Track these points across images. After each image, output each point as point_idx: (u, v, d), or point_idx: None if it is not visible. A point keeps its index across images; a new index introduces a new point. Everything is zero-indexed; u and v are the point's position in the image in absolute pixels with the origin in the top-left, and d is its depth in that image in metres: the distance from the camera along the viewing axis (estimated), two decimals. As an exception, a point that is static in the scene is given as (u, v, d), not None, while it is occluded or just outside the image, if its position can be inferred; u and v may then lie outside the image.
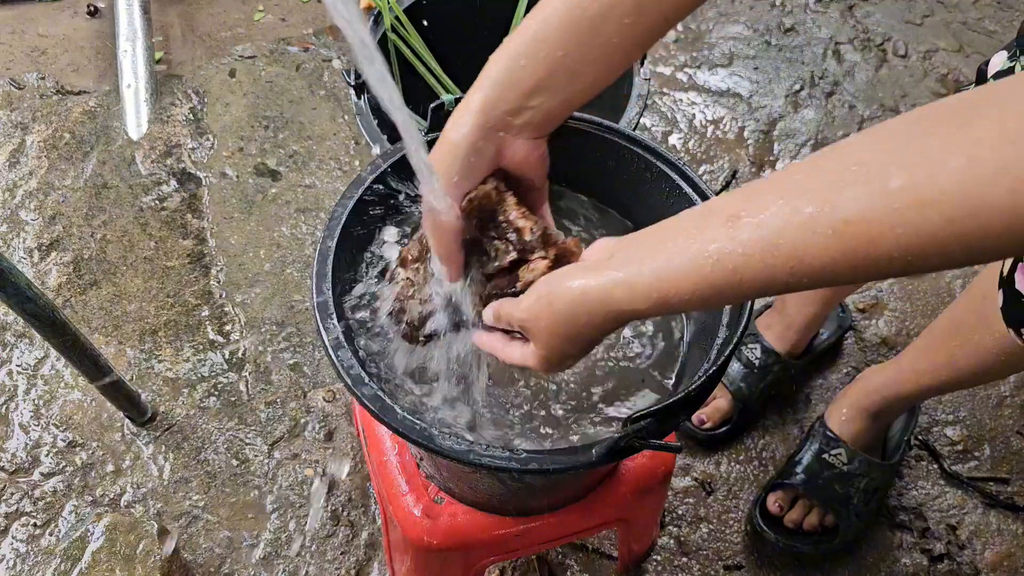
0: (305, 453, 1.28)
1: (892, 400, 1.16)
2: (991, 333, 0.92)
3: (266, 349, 1.38)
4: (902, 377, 1.13)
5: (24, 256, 1.46)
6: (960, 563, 1.24)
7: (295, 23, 1.84)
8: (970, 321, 0.97)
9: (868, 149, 0.42)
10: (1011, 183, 0.36)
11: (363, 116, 1.05)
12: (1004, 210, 0.37)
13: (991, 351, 0.94)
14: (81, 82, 1.71)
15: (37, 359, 1.35)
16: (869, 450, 1.22)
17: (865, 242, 0.41)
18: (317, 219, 1.53)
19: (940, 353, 1.04)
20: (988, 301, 0.90)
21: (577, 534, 0.99)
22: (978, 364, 0.98)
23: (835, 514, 1.19)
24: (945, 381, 1.06)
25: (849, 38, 1.88)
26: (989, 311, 0.90)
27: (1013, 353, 0.91)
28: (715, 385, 0.68)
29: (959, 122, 0.39)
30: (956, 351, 1.00)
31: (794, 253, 0.43)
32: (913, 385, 1.11)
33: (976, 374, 1.01)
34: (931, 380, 1.08)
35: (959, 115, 0.39)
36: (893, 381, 1.14)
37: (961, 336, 0.99)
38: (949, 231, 0.38)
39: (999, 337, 0.90)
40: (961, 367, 1.01)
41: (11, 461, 1.26)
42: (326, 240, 0.74)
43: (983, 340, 0.94)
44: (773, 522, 1.21)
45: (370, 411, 0.64)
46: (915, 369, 1.10)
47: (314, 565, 1.20)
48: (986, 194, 0.37)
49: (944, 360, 1.04)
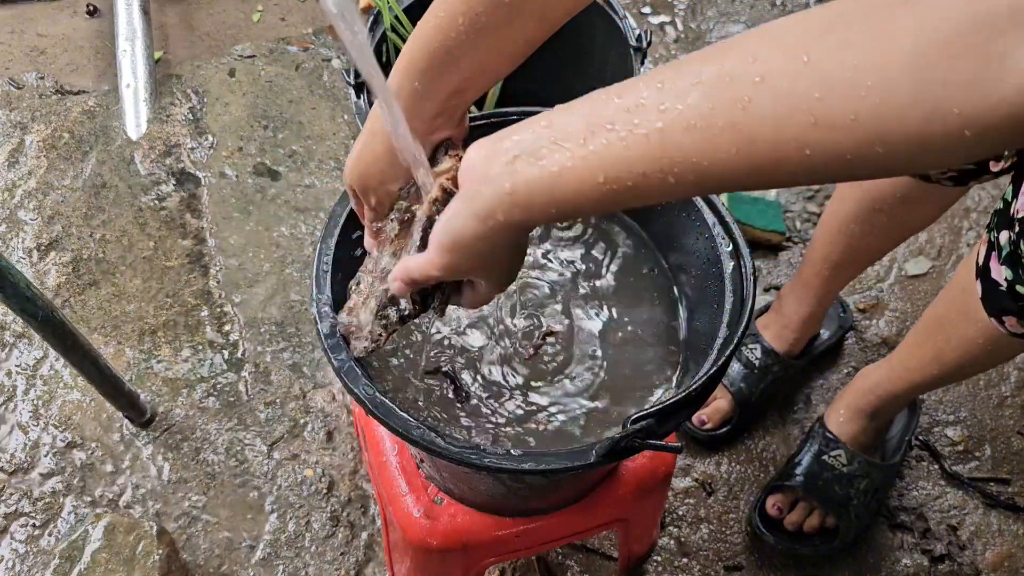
0: (305, 453, 1.28)
1: (886, 399, 1.16)
2: (974, 324, 0.92)
3: (265, 349, 1.37)
4: (893, 375, 1.13)
5: (23, 256, 1.46)
6: (961, 564, 1.24)
7: (294, 23, 1.83)
8: (952, 315, 0.97)
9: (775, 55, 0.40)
10: (923, 113, 0.36)
11: (363, 115, 1.04)
12: (912, 136, 0.37)
13: (976, 342, 0.94)
14: (80, 82, 1.70)
15: (36, 359, 1.35)
16: (868, 451, 1.22)
17: (771, 162, 0.40)
18: (317, 219, 1.53)
19: (927, 349, 1.05)
20: (967, 293, 0.91)
21: (577, 535, 0.99)
22: (964, 356, 0.98)
23: (835, 516, 1.19)
24: (935, 376, 1.06)
25: (849, 38, 1.88)
26: (970, 303, 0.90)
27: (998, 341, 0.91)
28: (715, 385, 0.68)
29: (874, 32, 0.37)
30: (942, 345, 1.01)
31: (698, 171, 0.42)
32: (904, 383, 1.11)
33: (963, 367, 1.01)
34: (920, 376, 1.08)
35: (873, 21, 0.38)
36: (885, 380, 1.15)
37: (945, 330, 0.99)
38: (856, 154, 0.38)
39: (983, 327, 0.90)
40: (948, 361, 1.01)
41: (10, 461, 1.26)
42: (326, 240, 0.73)
43: (967, 332, 0.95)
44: (773, 524, 1.21)
45: (369, 411, 0.64)
46: (905, 367, 1.10)
47: (314, 566, 1.19)
48: (896, 122, 0.37)
49: (931, 355, 1.04)
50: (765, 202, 1.52)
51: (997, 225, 0.80)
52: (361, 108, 1.05)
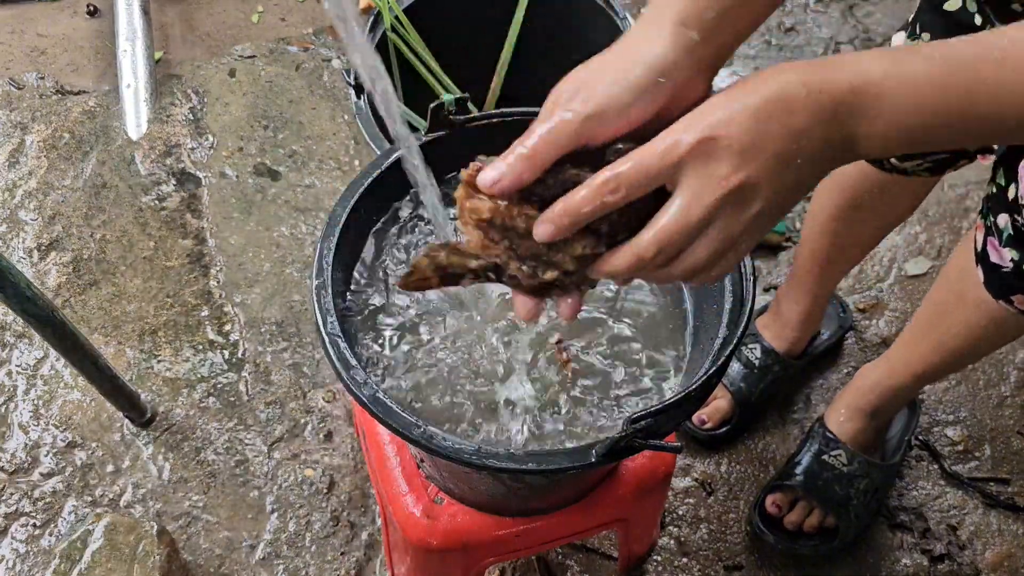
0: (305, 453, 1.28)
1: (887, 396, 1.16)
2: (975, 308, 0.92)
3: (266, 349, 1.37)
4: (894, 371, 1.13)
5: (23, 256, 1.46)
6: (960, 563, 1.24)
7: (295, 23, 1.83)
8: (951, 301, 0.97)
9: None
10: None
11: (362, 116, 1.05)
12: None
13: (978, 326, 0.94)
14: (81, 82, 1.71)
15: (37, 359, 1.35)
16: (868, 450, 1.22)
17: None
18: (317, 219, 1.53)
19: (927, 340, 1.05)
20: (964, 280, 0.91)
21: (577, 534, 0.99)
22: (966, 341, 0.98)
23: (835, 515, 1.19)
24: (937, 365, 1.06)
25: (849, 38, 1.88)
26: (968, 289, 0.90)
27: (1003, 323, 0.91)
28: (715, 385, 0.68)
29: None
30: (943, 334, 1.01)
31: None
32: (906, 376, 1.11)
33: (965, 353, 1.01)
34: (923, 367, 1.08)
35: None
36: (885, 376, 1.15)
37: (946, 318, 0.99)
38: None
39: (985, 310, 0.90)
40: (950, 348, 1.01)
41: (11, 461, 1.26)
42: (326, 240, 0.73)
43: (968, 317, 0.94)
44: (772, 523, 1.21)
45: (370, 412, 0.64)
46: (905, 360, 1.10)
47: (314, 565, 1.20)
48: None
49: (932, 346, 1.04)
50: (765, 202, 1.52)
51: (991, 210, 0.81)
52: (361, 108, 1.05)
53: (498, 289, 0.77)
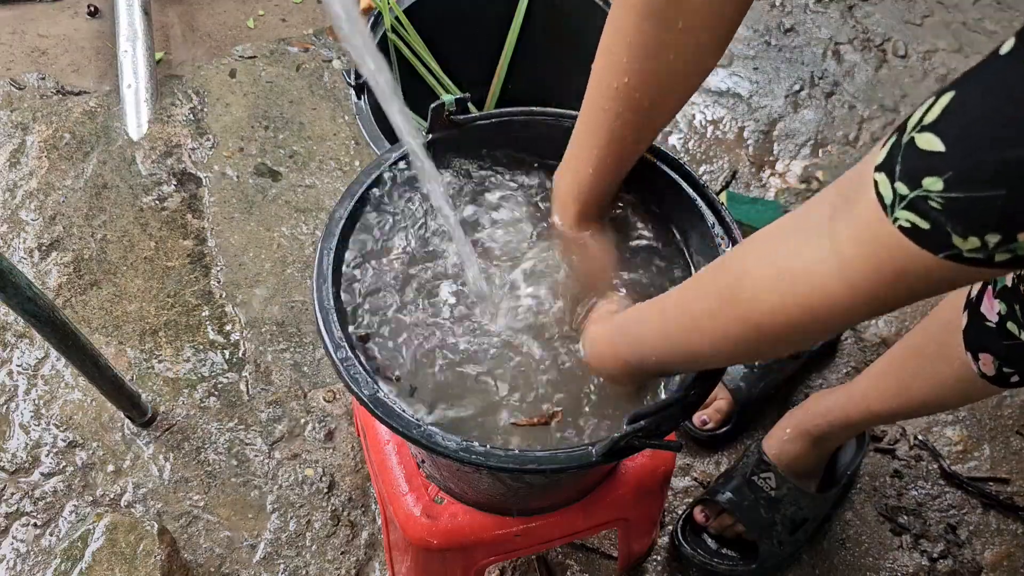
0: (305, 453, 1.28)
1: (837, 426, 1.12)
2: (949, 363, 0.90)
3: (266, 349, 1.38)
4: (851, 401, 1.09)
5: (24, 256, 1.46)
6: (960, 563, 1.24)
7: (295, 23, 1.84)
8: (929, 349, 0.94)
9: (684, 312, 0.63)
10: None
11: (363, 116, 1.05)
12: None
13: (946, 382, 0.92)
14: (81, 82, 1.71)
15: (37, 359, 1.35)
16: (804, 477, 1.19)
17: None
18: (317, 219, 1.53)
19: (893, 380, 1.02)
20: (949, 330, 0.88)
21: (577, 534, 0.99)
22: (931, 393, 0.96)
23: (757, 537, 1.16)
24: (894, 408, 1.03)
25: (849, 38, 1.88)
26: (950, 340, 0.88)
27: (971, 384, 0.89)
28: (715, 385, 0.68)
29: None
30: (911, 379, 0.98)
31: None
32: (861, 410, 1.08)
33: (927, 404, 0.98)
34: (880, 406, 1.05)
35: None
36: (840, 406, 1.11)
37: (918, 363, 0.97)
38: None
39: (957, 367, 0.88)
40: (913, 395, 0.98)
41: (11, 461, 1.26)
42: (327, 240, 0.74)
43: (940, 369, 0.92)
44: (696, 532, 1.19)
45: (371, 412, 0.65)
46: (864, 394, 1.07)
47: (315, 565, 1.20)
48: None
49: (896, 388, 1.01)
50: (764, 202, 1.52)
51: None
52: (361, 109, 1.05)
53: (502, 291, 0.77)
